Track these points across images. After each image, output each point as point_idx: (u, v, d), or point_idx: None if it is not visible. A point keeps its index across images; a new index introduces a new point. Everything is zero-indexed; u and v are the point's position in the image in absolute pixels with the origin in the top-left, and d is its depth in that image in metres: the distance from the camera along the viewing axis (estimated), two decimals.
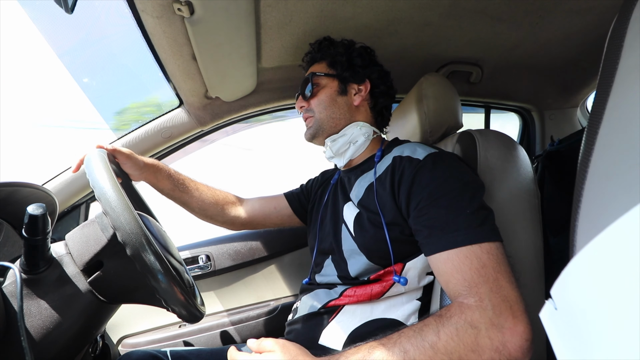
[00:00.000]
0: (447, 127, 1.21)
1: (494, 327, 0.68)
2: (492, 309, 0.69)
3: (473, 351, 0.67)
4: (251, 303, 1.76)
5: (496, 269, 0.73)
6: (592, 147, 0.52)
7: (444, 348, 0.68)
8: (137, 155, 1.14)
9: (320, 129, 1.14)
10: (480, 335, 0.68)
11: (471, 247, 0.75)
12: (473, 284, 0.73)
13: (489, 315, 0.69)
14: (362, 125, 1.12)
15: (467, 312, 0.70)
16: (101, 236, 0.83)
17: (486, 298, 0.70)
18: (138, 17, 1.02)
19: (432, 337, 0.69)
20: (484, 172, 0.95)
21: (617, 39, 0.51)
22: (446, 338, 0.69)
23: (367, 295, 0.95)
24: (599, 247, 0.38)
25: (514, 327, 0.67)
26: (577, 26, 1.34)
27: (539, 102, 2.04)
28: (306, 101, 1.16)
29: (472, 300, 0.71)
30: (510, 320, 0.68)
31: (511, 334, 0.67)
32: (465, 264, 0.75)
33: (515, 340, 0.67)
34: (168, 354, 1.09)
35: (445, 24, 1.28)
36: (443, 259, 0.78)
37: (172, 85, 1.39)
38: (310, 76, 1.15)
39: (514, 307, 0.69)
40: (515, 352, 0.66)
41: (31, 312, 0.75)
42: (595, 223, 0.49)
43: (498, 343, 0.67)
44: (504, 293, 0.71)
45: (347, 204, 1.07)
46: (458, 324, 0.69)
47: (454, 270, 0.76)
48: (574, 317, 0.40)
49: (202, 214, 1.32)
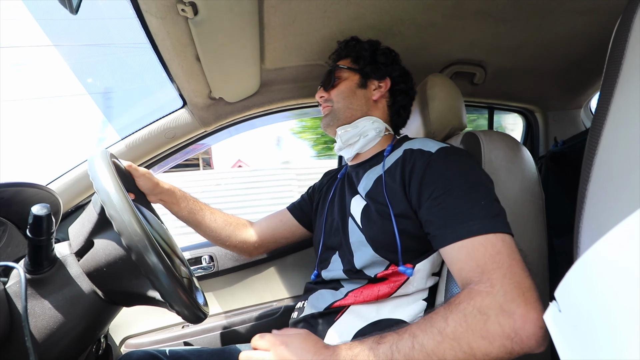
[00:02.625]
0: (451, 128, 1.21)
1: (505, 314, 0.66)
2: (504, 294, 0.67)
3: (483, 338, 0.65)
4: (254, 304, 1.76)
5: (511, 256, 0.72)
6: (596, 148, 0.51)
7: (452, 334, 0.66)
8: (152, 175, 1.14)
9: (335, 118, 1.16)
10: (489, 321, 0.66)
11: (487, 236, 0.75)
12: (486, 270, 0.72)
13: (500, 301, 0.67)
14: (375, 120, 1.14)
15: (476, 298, 0.69)
16: (93, 213, 0.84)
17: (498, 284, 0.69)
18: (142, 17, 1.02)
19: (441, 324, 0.68)
20: (489, 173, 0.94)
21: (620, 40, 0.51)
22: (454, 324, 0.67)
23: (374, 296, 0.95)
24: (603, 249, 0.38)
25: (527, 313, 0.65)
26: (581, 27, 1.33)
27: (542, 103, 2.04)
28: (327, 92, 1.19)
29: (483, 287, 0.70)
30: (523, 307, 0.65)
31: (523, 321, 0.64)
32: (480, 251, 0.74)
33: (527, 328, 0.64)
34: (167, 353, 1.09)
35: (449, 24, 1.28)
36: (457, 248, 0.77)
37: (175, 86, 1.39)
38: (334, 68, 1.19)
39: (526, 294, 0.67)
40: (528, 339, 0.64)
41: (35, 312, 0.75)
42: (599, 224, 0.49)
43: (509, 330, 0.64)
44: (517, 279, 0.69)
45: (355, 197, 1.07)
46: (466, 310, 0.68)
47: (467, 258, 0.75)
48: (578, 319, 0.40)
49: (214, 238, 1.32)
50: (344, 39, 1.24)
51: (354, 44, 1.21)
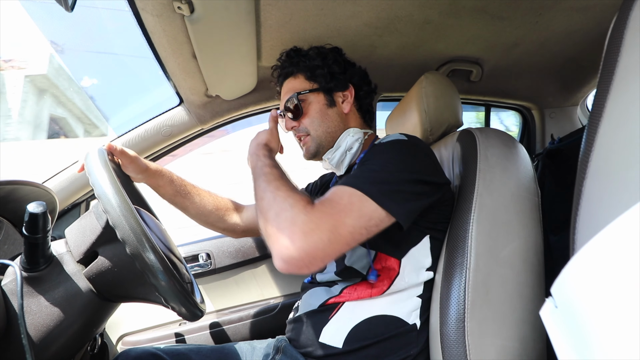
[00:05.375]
0: (447, 126, 1.21)
1: (292, 220, 0.73)
2: (307, 215, 0.74)
3: (276, 212, 0.76)
4: (251, 301, 1.76)
5: (342, 212, 0.76)
6: (593, 146, 0.52)
7: (278, 195, 0.79)
8: (142, 159, 1.13)
9: (320, 147, 1.12)
10: (286, 210, 0.75)
11: (346, 188, 0.80)
12: (322, 202, 0.78)
13: (301, 214, 0.74)
14: (353, 132, 1.12)
15: (303, 202, 0.77)
16: (96, 225, 0.83)
17: (315, 210, 0.75)
18: (138, 15, 1.02)
19: (281, 188, 0.82)
20: (484, 170, 0.95)
21: (617, 38, 0.51)
22: (282, 193, 0.80)
23: (368, 293, 0.96)
24: (599, 245, 0.38)
25: (295, 237, 0.72)
26: (578, 24, 1.33)
27: (539, 100, 2.04)
28: (296, 121, 1.13)
29: (309, 205, 0.77)
30: (299, 233, 0.72)
31: (290, 235, 0.72)
32: (331, 194, 0.81)
33: (284, 241, 0.72)
34: (166, 350, 1.08)
35: (445, 22, 1.28)
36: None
37: (172, 84, 1.39)
38: (295, 96, 1.11)
39: (312, 234, 0.72)
40: (276, 244, 0.73)
41: (31, 310, 0.75)
42: (595, 221, 0.49)
43: (283, 226, 0.74)
44: (322, 223, 0.74)
45: None
46: (293, 197, 0.78)
47: (324, 195, 0.82)
48: (574, 315, 0.41)
49: (202, 221, 1.32)
50: (281, 53, 1.21)
51: (298, 57, 1.16)
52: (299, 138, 1.15)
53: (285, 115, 1.14)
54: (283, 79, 1.19)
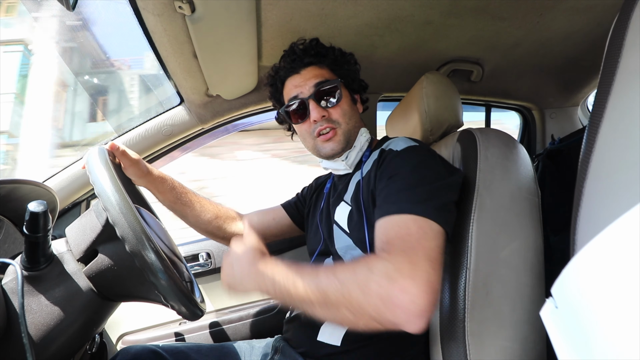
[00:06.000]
0: (447, 126, 1.21)
1: (387, 277, 0.67)
2: (394, 263, 0.69)
3: (361, 290, 0.68)
4: (251, 301, 1.76)
5: (420, 241, 0.74)
6: (593, 146, 0.52)
7: (342, 278, 0.71)
8: (144, 162, 1.13)
9: (348, 143, 1.08)
10: (371, 279, 0.68)
11: (404, 216, 0.78)
12: (390, 243, 0.75)
13: (387, 267, 0.69)
14: (364, 132, 1.12)
15: (371, 259, 0.73)
16: (96, 223, 0.84)
17: (394, 254, 0.72)
18: (139, 14, 1.02)
19: (337, 268, 0.74)
20: (484, 170, 0.95)
21: (618, 38, 0.51)
22: (346, 272, 0.72)
23: None
24: (599, 246, 0.38)
25: (407, 286, 0.66)
26: (578, 25, 1.33)
27: (539, 100, 2.04)
28: (327, 110, 1.06)
29: (382, 253, 0.75)
30: (407, 279, 0.66)
31: (400, 290, 0.66)
32: (394, 229, 0.77)
33: (401, 298, 0.65)
34: (165, 348, 1.08)
35: (446, 22, 1.28)
36: (378, 226, 0.81)
37: (172, 83, 1.39)
38: (338, 82, 1.07)
39: (417, 272, 0.68)
40: (399, 310, 0.65)
41: (32, 308, 0.75)
42: (595, 222, 0.49)
43: (384, 292, 0.66)
44: (414, 259, 0.70)
45: (340, 204, 1.07)
46: (359, 264, 0.73)
47: (382, 234, 0.79)
48: (574, 316, 0.41)
49: (202, 229, 1.31)
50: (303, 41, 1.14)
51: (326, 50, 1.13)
52: (324, 130, 1.06)
53: (312, 101, 1.05)
54: (303, 66, 1.11)
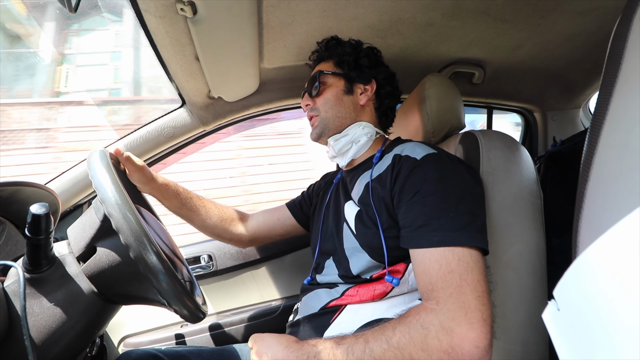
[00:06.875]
0: (449, 128, 1.21)
1: (444, 330, 0.71)
2: (446, 312, 0.72)
3: (423, 350, 0.71)
4: (253, 303, 1.76)
5: (462, 276, 0.75)
6: (595, 148, 0.52)
7: (397, 344, 0.73)
8: (148, 169, 1.14)
9: (326, 129, 1.13)
10: (429, 336, 0.71)
11: (443, 250, 0.78)
12: (435, 288, 0.76)
13: (441, 319, 0.72)
14: (365, 125, 1.12)
15: (421, 314, 0.75)
16: (95, 219, 0.84)
17: (443, 302, 0.74)
18: (141, 16, 1.02)
19: (389, 333, 0.75)
20: (487, 172, 0.95)
21: (620, 40, 0.51)
22: (400, 335, 0.74)
23: (370, 296, 0.94)
24: (602, 248, 0.38)
25: (466, 333, 0.69)
26: (580, 27, 1.33)
27: (541, 103, 2.04)
28: (312, 99, 1.16)
29: (429, 304, 0.76)
30: (463, 325, 0.70)
31: (460, 339, 0.69)
32: (434, 268, 0.78)
33: (464, 346, 0.69)
34: (166, 352, 1.08)
35: (448, 24, 1.28)
36: (418, 258, 0.82)
37: (174, 85, 1.39)
38: (318, 74, 1.15)
39: (470, 314, 0.71)
40: (464, 357, 0.69)
41: (34, 311, 0.75)
42: (598, 224, 0.49)
43: (447, 345, 0.70)
44: (463, 300, 0.73)
45: (348, 202, 1.07)
46: (411, 324, 0.74)
47: (423, 272, 0.80)
48: (577, 318, 0.40)
49: (208, 232, 1.33)
50: (323, 39, 1.22)
51: (334, 45, 1.19)
52: (310, 118, 1.18)
53: (305, 92, 1.19)
54: (316, 63, 1.23)
